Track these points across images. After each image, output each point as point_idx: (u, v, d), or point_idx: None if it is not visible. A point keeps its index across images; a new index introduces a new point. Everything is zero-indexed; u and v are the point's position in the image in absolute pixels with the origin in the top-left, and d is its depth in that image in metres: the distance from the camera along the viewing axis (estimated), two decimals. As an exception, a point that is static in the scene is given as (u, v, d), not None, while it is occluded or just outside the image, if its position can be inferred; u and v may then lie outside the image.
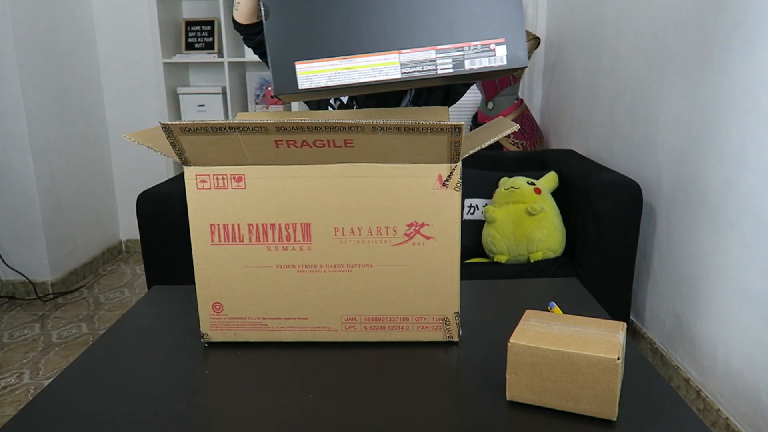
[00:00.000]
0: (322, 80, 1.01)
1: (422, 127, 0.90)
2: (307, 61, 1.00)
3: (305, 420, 0.87)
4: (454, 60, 1.01)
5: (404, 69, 1.01)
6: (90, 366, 1.02)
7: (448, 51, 1.01)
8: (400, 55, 1.01)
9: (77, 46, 3.25)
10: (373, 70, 1.01)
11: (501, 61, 1.01)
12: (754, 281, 1.63)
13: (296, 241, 1.01)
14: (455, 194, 0.99)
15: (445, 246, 1.01)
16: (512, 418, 0.85)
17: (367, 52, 1.00)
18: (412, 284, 1.03)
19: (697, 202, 1.90)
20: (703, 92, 1.87)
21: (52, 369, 2.29)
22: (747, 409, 1.66)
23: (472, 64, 1.02)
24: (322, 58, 1.00)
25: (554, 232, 2.28)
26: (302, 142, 0.93)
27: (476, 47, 1.01)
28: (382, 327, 1.06)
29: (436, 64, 1.01)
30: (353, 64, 1.01)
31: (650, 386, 0.92)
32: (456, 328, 1.06)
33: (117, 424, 0.86)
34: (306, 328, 1.06)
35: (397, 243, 1.01)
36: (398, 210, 0.99)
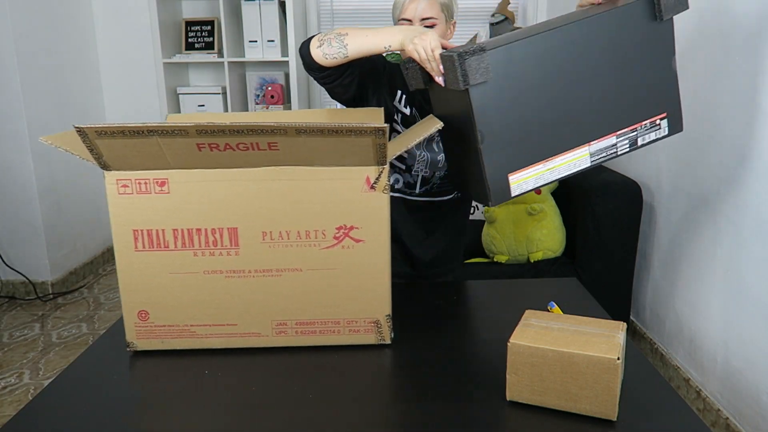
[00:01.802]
0: (530, 184, 1.10)
1: (345, 129, 0.89)
2: (517, 171, 1.08)
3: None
4: (630, 140, 1.13)
5: (593, 158, 1.12)
6: (90, 366, 1.02)
7: (625, 134, 1.12)
8: (590, 147, 1.11)
9: (77, 46, 3.24)
10: (569, 165, 1.11)
11: (664, 132, 1.15)
12: (754, 281, 1.63)
13: (223, 246, 0.99)
14: (384, 197, 0.99)
15: (375, 249, 1.01)
16: (512, 418, 0.85)
17: (564, 150, 1.09)
18: (342, 288, 1.02)
19: (697, 202, 1.90)
20: (703, 92, 1.87)
21: (52, 369, 2.29)
22: (747, 409, 1.66)
23: (643, 140, 1.14)
24: (528, 165, 1.09)
25: (554, 232, 2.28)
26: (225, 146, 0.91)
27: (646, 125, 1.13)
28: (313, 331, 1.04)
29: (616, 147, 1.12)
30: (553, 164, 1.10)
31: (650, 386, 0.92)
32: (387, 330, 1.05)
33: (117, 423, 0.86)
34: (235, 334, 1.04)
35: (326, 246, 1.00)
36: (327, 213, 0.98)
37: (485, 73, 1.01)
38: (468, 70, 1.00)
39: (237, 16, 3.26)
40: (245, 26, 3.19)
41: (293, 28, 3.13)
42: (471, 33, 3.48)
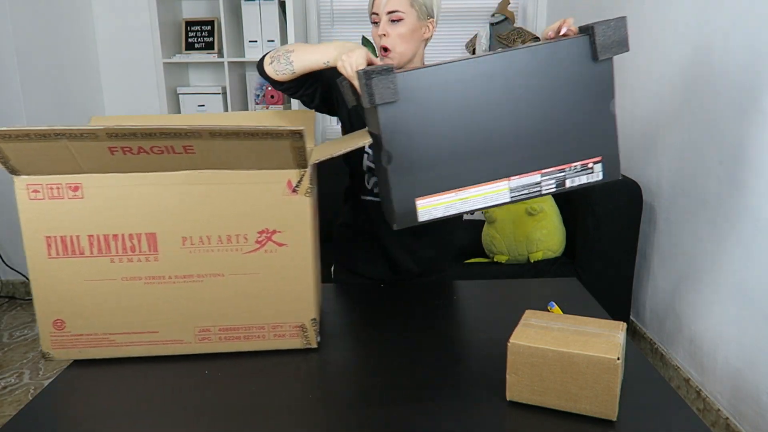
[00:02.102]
0: (439, 212, 1.06)
1: (261, 132, 0.87)
2: (426, 197, 1.05)
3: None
4: (557, 180, 1.08)
5: (513, 193, 1.07)
6: (90, 366, 1.02)
7: (551, 173, 1.07)
8: (509, 181, 1.07)
9: (77, 46, 3.25)
10: (485, 198, 1.07)
11: (598, 177, 1.09)
12: (754, 281, 1.63)
13: (142, 252, 0.97)
14: (306, 200, 0.97)
15: (298, 253, 0.99)
16: (512, 418, 0.85)
17: (480, 182, 1.06)
18: (266, 292, 1.01)
19: (697, 202, 1.90)
20: (702, 92, 1.87)
21: (52, 369, 2.29)
22: (747, 409, 1.66)
23: (573, 182, 1.08)
24: (438, 192, 1.05)
25: (554, 232, 2.28)
26: (138, 149, 0.89)
27: (576, 167, 1.08)
28: (237, 337, 1.03)
29: (540, 186, 1.08)
30: (467, 195, 1.06)
31: (650, 386, 0.93)
32: (314, 334, 1.04)
33: (117, 423, 0.86)
34: (157, 341, 1.02)
35: (248, 251, 0.98)
36: (248, 217, 0.97)
37: (392, 94, 1.00)
38: (374, 88, 0.99)
39: (237, 16, 3.26)
40: (245, 26, 3.19)
41: (293, 28, 3.13)
42: (471, 33, 3.49)
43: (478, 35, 3.26)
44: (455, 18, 3.54)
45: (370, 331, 1.13)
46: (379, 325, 1.15)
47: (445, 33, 3.57)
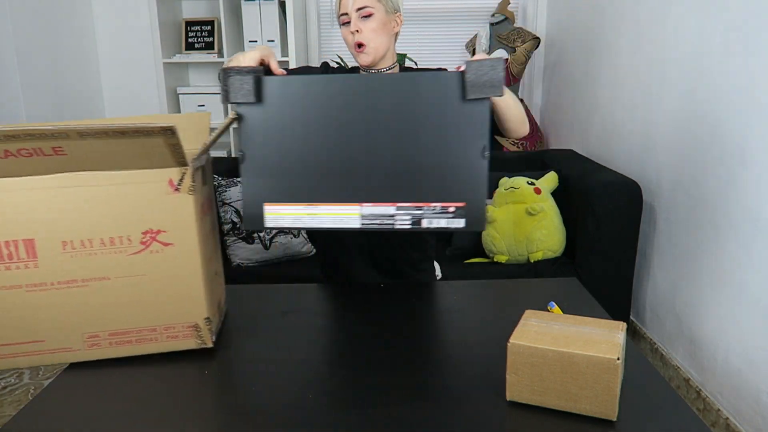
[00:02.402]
0: (287, 222, 1.05)
1: (132, 130, 0.85)
2: (275, 204, 1.04)
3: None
4: (412, 218, 1.03)
5: (364, 220, 1.04)
6: (90, 366, 1.02)
7: (407, 209, 1.03)
8: (362, 207, 1.03)
9: (77, 46, 3.25)
10: (334, 218, 1.04)
11: (459, 224, 1.03)
12: (754, 281, 1.63)
13: (20, 259, 0.94)
14: (189, 198, 0.96)
15: (185, 251, 0.97)
16: (512, 418, 0.85)
17: (329, 201, 1.04)
18: (155, 293, 0.99)
19: (697, 202, 1.90)
20: (703, 92, 1.87)
21: (52, 369, 2.29)
22: (747, 409, 1.66)
23: (430, 224, 1.03)
24: (288, 202, 1.04)
25: (554, 232, 2.28)
26: (5, 153, 0.86)
27: (435, 208, 1.02)
28: (129, 341, 1.01)
29: (394, 220, 1.03)
30: (317, 211, 1.04)
31: (650, 386, 0.92)
32: (208, 333, 1.02)
33: (116, 423, 0.86)
34: (43, 351, 1.00)
35: (133, 252, 0.96)
36: (131, 218, 0.95)
37: (246, 95, 1.00)
38: (229, 87, 1.00)
39: (237, 16, 3.26)
40: (245, 26, 3.19)
41: (293, 28, 3.14)
42: (471, 33, 3.49)
43: (478, 35, 3.26)
44: (455, 18, 3.54)
45: (369, 331, 1.13)
46: (377, 325, 1.15)
47: (445, 33, 3.57)
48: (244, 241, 2.28)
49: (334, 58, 3.51)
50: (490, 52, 3.20)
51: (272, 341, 1.10)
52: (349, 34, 1.36)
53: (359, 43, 1.34)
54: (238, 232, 2.29)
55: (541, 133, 3.48)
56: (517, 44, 3.17)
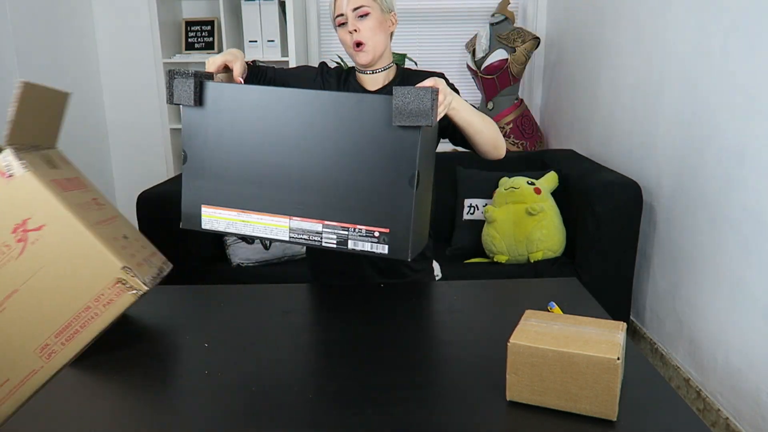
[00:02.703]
0: (221, 226, 1.08)
1: None
2: (212, 207, 1.07)
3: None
4: (338, 237, 1.05)
5: (292, 234, 1.06)
6: (89, 366, 1.02)
7: (334, 228, 1.05)
8: (290, 220, 1.06)
9: (77, 46, 3.25)
10: (265, 228, 1.07)
11: (383, 249, 1.03)
12: (754, 281, 1.63)
13: None
14: (29, 176, 0.94)
15: (61, 223, 0.96)
16: (512, 418, 0.85)
17: (261, 211, 1.06)
18: (64, 275, 0.97)
19: (697, 202, 1.90)
20: (703, 92, 1.87)
21: (52, 369, 2.29)
22: (747, 409, 1.66)
23: (355, 246, 1.04)
24: (223, 207, 1.07)
25: (554, 232, 2.28)
26: None
27: (361, 231, 1.04)
28: (76, 331, 1.00)
29: (321, 237, 1.05)
30: (249, 219, 1.07)
31: (650, 386, 0.92)
32: (136, 280, 1.01)
33: (117, 423, 0.86)
34: (14, 388, 0.99)
35: (19, 253, 0.95)
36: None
37: (188, 98, 1.03)
38: (174, 89, 1.03)
39: (237, 16, 3.26)
40: (245, 26, 3.19)
41: (293, 28, 3.14)
42: (471, 33, 3.49)
43: (478, 35, 3.26)
44: (455, 18, 3.54)
45: (369, 331, 1.13)
46: (378, 325, 1.15)
47: (445, 33, 3.57)
48: (244, 241, 2.28)
49: (334, 58, 3.51)
50: (490, 52, 3.20)
51: (272, 341, 1.10)
52: (347, 35, 1.37)
53: (358, 42, 1.35)
54: (238, 232, 2.29)
55: (541, 133, 3.48)
56: (517, 44, 3.17)
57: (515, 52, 3.17)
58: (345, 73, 1.53)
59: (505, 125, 3.29)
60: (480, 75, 3.25)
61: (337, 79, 1.51)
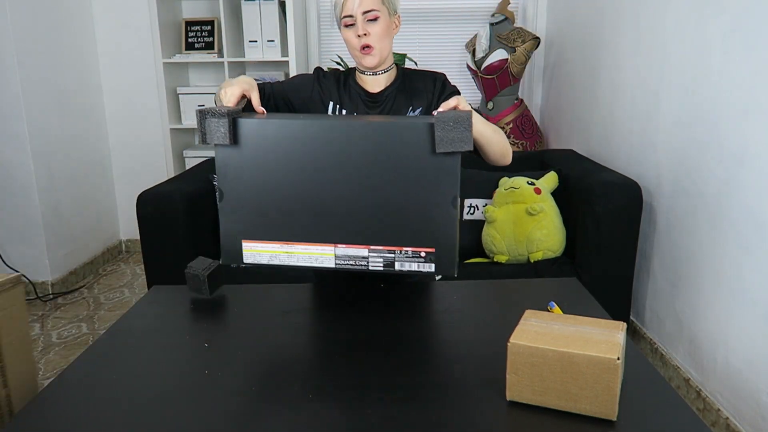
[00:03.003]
0: (264, 259, 1.08)
1: None
2: (253, 241, 1.07)
3: (306, 420, 0.86)
4: (385, 260, 1.06)
5: (338, 260, 1.07)
6: (90, 366, 1.02)
7: (380, 251, 1.06)
8: (336, 248, 1.06)
9: (77, 46, 3.25)
10: (310, 257, 1.07)
11: (429, 268, 1.06)
12: (754, 281, 1.63)
13: None
14: None
15: None
16: (512, 418, 0.85)
17: (305, 241, 1.06)
18: None
19: (697, 202, 1.90)
20: (703, 92, 1.87)
21: (52, 369, 2.29)
22: (747, 409, 1.66)
23: (402, 267, 1.06)
24: (265, 240, 1.07)
25: (554, 232, 2.28)
26: None
27: (407, 252, 1.05)
28: None
29: (368, 261, 1.07)
30: (293, 250, 1.07)
31: (650, 386, 0.93)
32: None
33: (117, 423, 0.86)
34: None
35: None
36: None
37: (223, 138, 1.01)
38: (207, 129, 1.02)
39: (237, 16, 3.26)
40: (245, 26, 3.19)
41: (293, 28, 3.14)
42: (471, 33, 3.49)
43: (478, 35, 3.26)
44: (455, 18, 3.54)
45: (369, 330, 1.13)
46: (378, 325, 1.15)
47: (445, 33, 3.57)
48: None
49: (333, 57, 3.51)
50: (490, 52, 3.20)
51: (272, 341, 1.10)
52: (354, 38, 1.36)
53: (367, 45, 1.36)
54: (238, 232, 2.29)
55: (541, 133, 3.48)
56: (517, 44, 3.17)
57: (515, 52, 3.17)
58: (343, 75, 1.53)
59: (505, 125, 3.29)
60: (480, 75, 3.25)
61: (336, 82, 1.50)
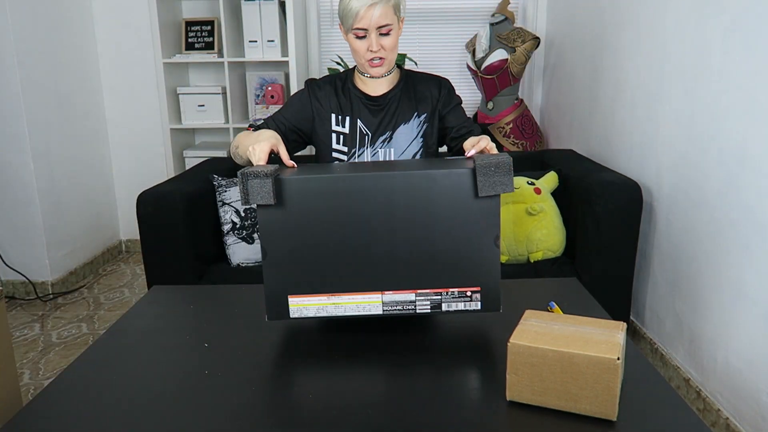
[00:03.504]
0: (311, 312, 1.09)
1: None
2: (299, 296, 1.08)
3: (307, 416, 0.86)
4: (432, 303, 1.08)
5: (386, 307, 1.08)
6: (90, 366, 1.02)
7: (427, 294, 1.08)
8: (383, 295, 1.08)
9: (77, 46, 3.25)
10: (357, 306, 1.08)
11: (476, 306, 1.08)
12: (754, 281, 1.63)
13: None
14: None
15: None
16: (512, 418, 0.85)
17: (351, 291, 1.08)
18: None
19: (697, 202, 1.90)
20: (703, 92, 1.87)
21: (52, 369, 2.29)
22: (747, 409, 1.66)
23: (449, 307, 1.08)
24: (311, 294, 1.08)
25: (554, 232, 2.28)
26: None
27: (453, 293, 1.07)
28: None
29: (415, 305, 1.08)
30: (340, 300, 1.08)
31: (650, 386, 0.92)
32: None
33: (117, 423, 0.86)
34: None
35: None
36: None
37: (267, 197, 1.03)
38: (250, 190, 1.03)
39: (237, 16, 3.26)
40: (245, 26, 3.19)
41: (293, 28, 3.14)
42: (471, 33, 3.49)
43: (478, 35, 3.26)
44: (455, 18, 3.54)
45: (369, 330, 1.13)
46: (377, 324, 1.15)
47: (445, 33, 3.57)
48: (244, 241, 2.28)
49: (333, 57, 3.51)
50: (490, 52, 3.20)
51: (272, 341, 1.10)
52: (366, 49, 1.37)
53: (380, 57, 1.37)
54: (238, 233, 2.29)
55: (541, 133, 3.48)
56: (517, 44, 3.17)
57: (515, 52, 3.17)
58: (340, 80, 1.52)
59: (505, 125, 3.29)
60: (480, 75, 3.25)
61: (333, 90, 1.50)
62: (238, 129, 3.37)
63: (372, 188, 1.04)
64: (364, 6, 1.33)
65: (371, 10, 1.33)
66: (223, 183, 2.33)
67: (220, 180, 2.34)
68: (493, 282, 1.07)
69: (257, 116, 3.34)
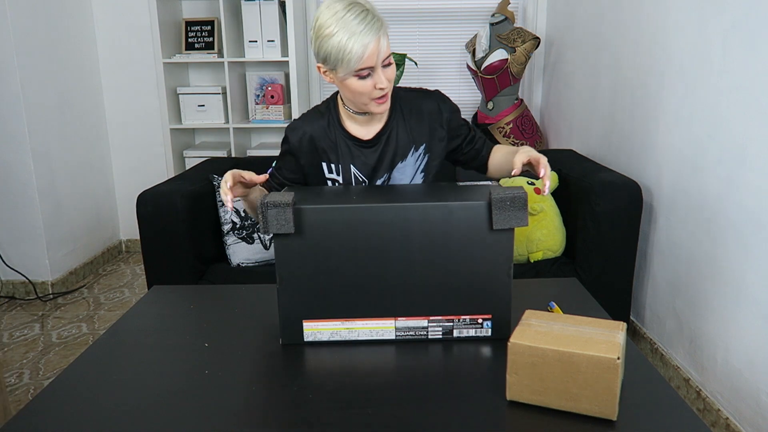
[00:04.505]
0: (325, 336, 1.11)
1: None
2: (313, 320, 1.10)
3: (305, 416, 0.86)
4: (444, 329, 1.11)
5: (399, 332, 1.11)
6: (90, 366, 1.02)
7: (439, 321, 1.10)
8: (396, 321, 1.10)
9: (77, 46, 3.24)
10: (371, 331, 1.11)
11: (486, 332, 1.11)
12: (754, 281, 1.63)
13: None
14: None
15: None
16: (512, 418, 0.85)
17: (365, 317, 1.10)
18: None
19: (697, 202, 1.90)
20: (703, 92, 1.87)
21: (52, 369, 2.29)
22: (747, 409, 1.66)
23: (460, 333, 1.11)
24: (325, 319, 1.10)
25: (554, 232, 2.28)
26: None
27: (465, 320, 1.10)
28: None
29: (427, 331, 1.11)
30: (353, 325, 1.10)
31: (650, 386, 0.92)
32: None
33: (117, 423, 0.86)
34: None
35: None
36: None
37: (286, 226, 1.04)
38: (269, 219, 1.04)
39: (237, 16, 3.26)
40: (245, 26, 3.19)
41: (293, 28, 3.14)
42: (471, 33, 3.49)
43: (478, 35, 3.26)
44: (455, 18, 3.54)
45: (370, 331, 1.13)
46: (379, 325, 1.15)
47: (445, 33, 3.57)
48: (244, 241, 2.28)
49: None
50: (490, 52, 3.20)
51: (272, 341, 1.10)
52: (372, 88, 1.24)
53: (386, 94, 1.26)
54: (238, 233, 2.29)
55: (541, 133, 3.48)
56: (517, 44, 3.17)
57: (515, 52, 3.17)
58: (325, 120, 1.40)
59: (505, 125, 3.29)
60: (480, 75, 3.25)
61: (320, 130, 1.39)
62: (238, 129, 3.37)
63: (389, 219, 1.06)
64: (371, 42, 1.19)
65: (378, 44, 1.20)
66: (223, 183, 2.33)
67: (220, 180, 2.34)
68: (504, 310, 1.09)
69: (257, 116, 3.34)
